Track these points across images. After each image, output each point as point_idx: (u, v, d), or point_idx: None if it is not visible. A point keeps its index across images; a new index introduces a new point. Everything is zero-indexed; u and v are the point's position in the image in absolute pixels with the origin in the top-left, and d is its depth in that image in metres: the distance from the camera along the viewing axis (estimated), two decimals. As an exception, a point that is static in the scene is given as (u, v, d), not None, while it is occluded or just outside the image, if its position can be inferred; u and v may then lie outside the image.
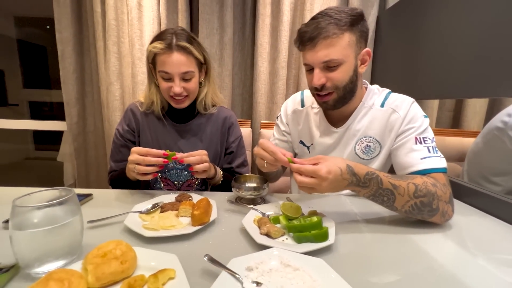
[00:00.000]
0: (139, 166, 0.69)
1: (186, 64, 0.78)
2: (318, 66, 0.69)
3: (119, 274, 0.39)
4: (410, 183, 0.60)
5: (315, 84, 0.70)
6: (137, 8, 1.34)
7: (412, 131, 0.71)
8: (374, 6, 1.37)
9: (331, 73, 0.69)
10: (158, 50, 0.76)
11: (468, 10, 0.87)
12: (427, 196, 0.59)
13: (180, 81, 0.78)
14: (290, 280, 0.41)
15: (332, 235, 0.52)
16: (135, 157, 0.70)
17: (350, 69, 0.70)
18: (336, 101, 0.73)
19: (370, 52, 0.72)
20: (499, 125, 0.89)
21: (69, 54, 1.42)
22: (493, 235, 0.62)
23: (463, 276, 0.45)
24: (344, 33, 0.66)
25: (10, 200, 0.69)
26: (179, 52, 0.77)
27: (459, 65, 0.91)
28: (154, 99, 0.86)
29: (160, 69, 0.78)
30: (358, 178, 0.58)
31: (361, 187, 0.59)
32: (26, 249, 0.40)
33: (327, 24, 0.66)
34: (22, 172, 3.13)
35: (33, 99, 3.21)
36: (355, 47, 0.69)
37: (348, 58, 0.68)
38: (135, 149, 0.71)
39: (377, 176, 0.59)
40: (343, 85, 0.70)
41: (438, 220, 0.61)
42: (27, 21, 3.02)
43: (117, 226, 0.57)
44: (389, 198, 0.60)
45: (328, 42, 0.66)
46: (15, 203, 0.39)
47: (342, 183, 0.58)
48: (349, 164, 0.58)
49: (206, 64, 0.86)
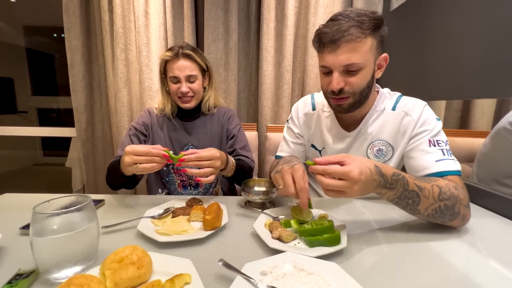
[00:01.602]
0: (143, 165, 0.65)
1: (190, 68, 0.93)
2: (338, 69, 0.67)
3: (136, 279, 0.40)
4: (434, 185, 0.58)
5: (334, 88, 0.68)
6: (144, 16, 1.37)
7: (426, 133, 0.70)
8: (378, 8, 1.38)
9: (351, 77, 0.67)
10: (168, 57, 0.93)
11: (473, 10, 0.87)
12: (451, 199, 0.58)
13: (186, 83, 0.93)
14: (305, 285, 0.41)
15: (344, 238, 0.52)
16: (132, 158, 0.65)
17: (369, 74, 0.68)
18: (351, 105, 0.72)
19: (387, 57, 0.71)
20: (507, 126, 0.88)
21: (78, 62, 1.45)
22: (507, 237, 0.61)
23: (476, 278, 0.45)
24: (368, 37, 0.64)
25: (25, 206, 0.70)
26: (184, 59, 0.93)
27: (465, 66, 0.91)
28: (166, 103, 1.00)
29: (170, 75, 0.94)
30: (386, 179, 0.54)
31: (387, 189, 0.55)
32: (46, 255, 0.41)
33: (350, 26, 0.63)
34: (31, 178, 3.18)
35: (41, 106, 3.28)
36: (375, 52, 0.67)
37: (368, 63, 0.67)
38: (130, 150, 0.65)
39: (403, 177, 0.56)
40: (360, 90, 0.69)
41: (457, 224, 0.60)
42: (35, 30, 3.10)
43: (131, 231, 0.58)
44: (414, 201, 0.57)
45: (351, 46, 0.64)
46: (35, 210, 0.40)
47: (372, 185, 0.53)
48: (377, 164, 0.54)
49: (208, 71, 1.01)
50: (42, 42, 3.16)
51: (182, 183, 1.00)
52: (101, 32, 1.45)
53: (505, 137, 0.88)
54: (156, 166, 0.66)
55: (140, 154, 0.65)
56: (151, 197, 0.79)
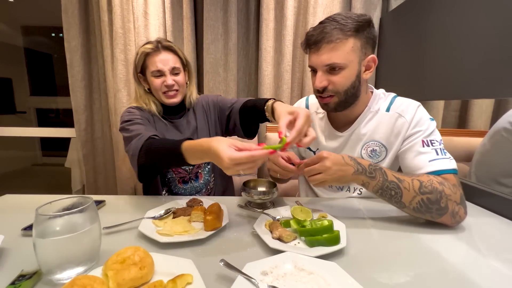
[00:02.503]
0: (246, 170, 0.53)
1: (173, 60, 0.89)
2: (321, 69, 0.71)
3: (139, 280, 0.40)
4: (415, 179, 0.62)
5: (317, 86, 0.72)
6: (143, 16, 1.37)
7: (419, 134, 0.71)
8: (377, 8, 1.38)
9: (333, 76, 0.71)
10: (148, 50, 0.88)
11: (472, 10, 0.88)
12: (433, 193, 0.60)
13: (170, 75, 0.89)
14: (305, 284, 0.41)
15: (343, 238, 0.53)
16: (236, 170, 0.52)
17: (352, 74, 0.71)
18: (337, 105, 0.74)
19: (376, 59, 0.73)
20: (507, 126, 0.88)
21: (77, 63, 1.45)
22: (503, 235, 0.62)
23: (474, 276, 0.45)
24: (348, 39, 0.68)
25: (26, 207, 0.71)
26: (166, 51, 0.89)
27: (463, 66, 0.91)
28: (148, 103, 0.93)
29: (152, 69, 0.88)
30: (363, 167, 0.63)
31: (368, 178, 0.62)
32: (49, 256, 0.41)
33: (332, 29, 0.68)
34: (30, 178, 3.18)
35: (40, 106, 3.28)
36: (359, 52, 0.70)
37: (351, 63, 0.69)
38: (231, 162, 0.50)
39: (381, 168, 0.63)
40: (344, 90, 0.71)
41: (449, 221, 0.61)
42: (33, 30, 3.09)
43: (132, 232, 0.58)
44: (396, 193, 0.61)
45: (331, 46, 0.68)
46: (38, 212, 0.41)
47: (347, 169, 0.62)
48: (351, 156, 0.65)
49: (187, 66, 0.97)
50: (40, 42, 3.15)
51: (181, 179, 0.98)
52: (100, 32, 1.45)
53: (505, 137, 0.89)
54: (259, 165, 0.55)
55: (243, 162, 0.52)
56: (152, 198, 0.80)
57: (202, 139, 0.59)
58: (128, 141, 0.79)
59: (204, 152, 0.57)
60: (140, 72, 0.92)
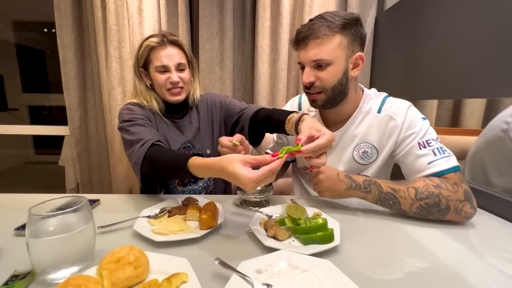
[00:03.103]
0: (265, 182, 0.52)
1: (179, 56, 0.86)
2: (308, 64, 0.73)
3: (134, 279, 0.40)
4: (410, 187, 0.64)
5: (304, 81, 0.74)
6: (137, 13, 1.35)
7: (413, 137, 0.72)
8: (372, 7, 1.39)
9: (320, 72, 0.72)
10: (154, 44, 0.83)
11: (466, 11, 0.89)
12: (430, 198, 0.61)
13: (176, 72, 0.85)
14: (299, 282, 0.42)
15: (337, 236, 0.54)
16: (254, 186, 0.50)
17: (339, 71, 0.72)
18: (325, 101, 0.76)
19: (363, 56, 0.74)
20: (502, 125, 0.87)
21: (70, 60, 1.43)
22: (496, 233, 0.63)
23: (466, 273, 0.47)
24: (335, 35, 0.69)
25: (19, 207, 0.70)
26: (172, 46, 0.85)
27: (456, 66, 0.92)
28: (149, 100, 0.89)
29: (156, 64, 0.84)
30: (357, 183, 0.67)
31: (363, 192, 0.67)
32: (43, 256, 0.41)
33: (319, 26, 0.70)
34: (23, 176, 3.13)
35: (32, 103, 3.22)
36: (346, 49, 0.71)
37: (337, 59, 0.71)
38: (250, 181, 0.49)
39: (376, 182, 0.67)
40: (331, 86, 0.73)
41: (454, 218, 0.62)
42: (25, 25, 3.02)
43: (127, 231, 0.58)
44: (394, 202, 0.64)
45: (318, 42, 0.70)
46: (31, 212, 0.40)
47: (339, 184, 0.68)
48: (347, 173, 0.69)
49: (191, 62, 0.93)
50: (32, 38, 3.09)
51: (181, 182, 0.96)
52: (93, 29, 1.43)
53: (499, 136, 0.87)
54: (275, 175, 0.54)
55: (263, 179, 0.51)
56: (147, 197, 0.79)
57: (211, 159, 0.56)
58: (129, 144, 0.76)
59: (216, 172, 0.55)
60: (142, 67, 0.88)
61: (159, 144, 0.72)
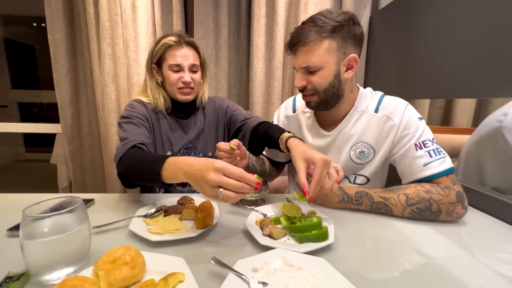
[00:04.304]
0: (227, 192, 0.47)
1: (194, 57, 0.88)
2: (299, 70, 0.75)
3: (130, 279, 0.40)
4: (401, 193, 0.66)
5: (296, 86, 0.77)
6: (131, 9, 1.33)
7: (410, 137, 0.73)
8: (367, 6, 1.40)
9: (311, 77, 0.73)
10: (172, 42, 0.85)
11: (459, 11, 0.90)
12: (421, 203, 0.64)
13: (189, 72, 0.87)
14: (294, 280, 0.43)
15: (331, 234, 0.55)
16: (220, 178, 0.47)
17: (330, 74, 0.72)
18: (318, 103, 0.77)
19: (357, 58, 0.73)
20: (495, 124, 0.88)
21: (62, 56, 1.40)
22: (485, 230, 0.65)
23: (454, 269, 0.48)
24: (324, 40, 0.69)
25: (11, 207, 0.69)
26: (188, 47, 0.87)
27: (448, 66, 0.94)
28: (158, 98, 0.90)
29: (171, 62, 0.86)
30: (350, 196, 0.70)
31: (355, 204, 0.70)
32: (38, 258, 0.40)
33: (308, 32, 0.70)
34: (14, 175, 3.06)
35: (22, 100, 3.14)
36: (336, 52, 0.70)
37: (327, 64, 0.71)
38: (222, 167, 0.47)
39: (367, 193, 0.69)
40: (323, 89, 0.74)
41: (446, 219, 0.65)
42: (14, 19, 2.94)
43: (122, 231, 0.58)
44: (386, 210, 0.67)
45: (306, 49, 0.71)
46: (25, 213, 0.40)
47: (332, 197, 0.71)
48: (341, 186, 0.72)
49: (204, 64, 0.95)
50: (21, 32, 3.00)
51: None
52: (86, 25, 1.40)
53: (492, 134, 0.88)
54: (240, 196, 0.49)
55: (232, 177, 0.47)
56: (142, 196, 0.79)
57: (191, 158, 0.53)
58: (120, 141, 0.77)
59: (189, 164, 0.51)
60: (155, 63, 0.89)
61: (141, 146, 0.71)
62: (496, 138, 0.87)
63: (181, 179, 0.53)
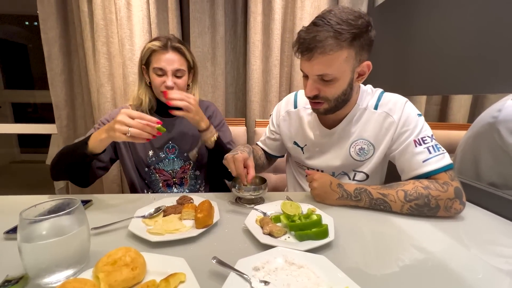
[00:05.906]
0: (134, 130, 0.66)
1: (178, 63, 0.88)
2: (312, 77, 0.69)
3: (131, 281, 0.40)
4: (399, 190, 0.66)
5: (307, 94, 0.72)
6: (125, 7, 1.31)
7: (409, 133, 0.73)
8: (364, 3, 1.40)
9: (325, 86, 0.69)
10: (156, 47, 0.86)
11: (456, 8, 0.90)
12: (420, 199, 0.64)
13: (172, 77, 0.88)
14: (296, 278, 0.43)
15: (332, 232, 0.55)
16: (127, 120, 0.66)
17: (344, 84, 0.69)
18: (327, 110, 0.74)
19: (370, 65, 0.70)
20: (489, 120, 0.89)
21: (56, 55, 1.38)
22: (482, 225, 0.66)
23: (453, 263, 0.49)
24: (343, 49, 0.63)
25: (7, 209, 0.68)
26: (173, 52, 0.88)
27: (446, 62, 0.94)
28: (143, 98, 0.93)
29: (155, 66, 0.87)
30: (348, 193, 0.70)
31: (354, 201, 0.70)
32: (36, 261, 0.40)
33: (326, 37, 0.62)
34: (9, 176, 3.02)
35: (16, 101, 3.09)
36: (353, 61, 0.66)
37: (343, 74, 0.67)
38: (125, 111, 0.68)
39: (366, 190, 0.69)
40: (335, 97, 0.71)
41: (445, 214, 0.66)
42: (5, 18, 2.88)
43: (122, 231, 0.58)
44: (385, 206, 0.67)
45: (325, 58, 0.64)
46: (23, 216, 0.39)
47: (331, 193, 0.71)
48: (340, 183, 0.72)
49: (194, 68, 0.96)
50: (13, 31, 2.94)
51: (165, 183, 0.96)
52: (80, 23, 1.37)
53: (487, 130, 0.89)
54: (145, 135, 0.68)
55: (134, 117, 0.67)
56: (141, 196, 0.79)
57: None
58: None
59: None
60: (144, 65, 0.92)
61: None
62: (491, 134, 0.88)
63: (103, 136, 0.70)
